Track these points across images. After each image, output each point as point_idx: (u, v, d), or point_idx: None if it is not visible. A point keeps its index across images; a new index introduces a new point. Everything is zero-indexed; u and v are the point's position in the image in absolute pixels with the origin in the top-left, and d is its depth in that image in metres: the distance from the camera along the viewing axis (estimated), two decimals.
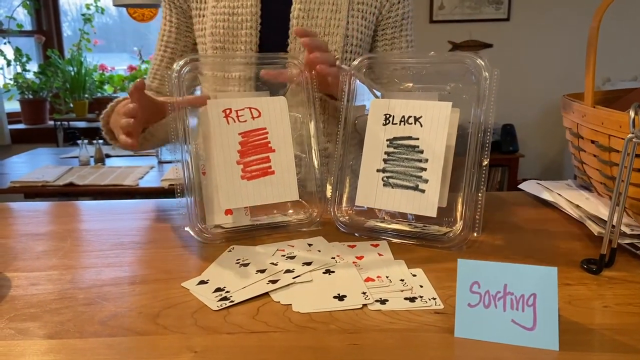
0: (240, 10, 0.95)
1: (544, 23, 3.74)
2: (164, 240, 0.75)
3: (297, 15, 0.95)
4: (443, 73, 0.74)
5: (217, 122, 0.74)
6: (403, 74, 0.77)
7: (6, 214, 0.87)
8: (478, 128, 0.69)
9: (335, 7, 0.96)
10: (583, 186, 0.89)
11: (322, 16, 0.95)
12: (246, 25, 0.95)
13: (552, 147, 3.91)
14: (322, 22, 0.95)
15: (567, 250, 0.69)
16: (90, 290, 0.59)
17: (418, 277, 0.61)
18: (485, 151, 0.69)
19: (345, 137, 0.79)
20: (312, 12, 0.95)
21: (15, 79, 3.73)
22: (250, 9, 0.95)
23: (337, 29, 0.96)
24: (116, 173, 2.30)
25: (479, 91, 0.69)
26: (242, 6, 0.95)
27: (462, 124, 0.72)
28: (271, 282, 0.59)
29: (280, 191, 0.76)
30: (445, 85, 0.74)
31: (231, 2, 0.96)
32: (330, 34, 0.96)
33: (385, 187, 0.73)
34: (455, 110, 0.72)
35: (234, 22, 0.96)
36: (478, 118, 0.69)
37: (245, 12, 0.95)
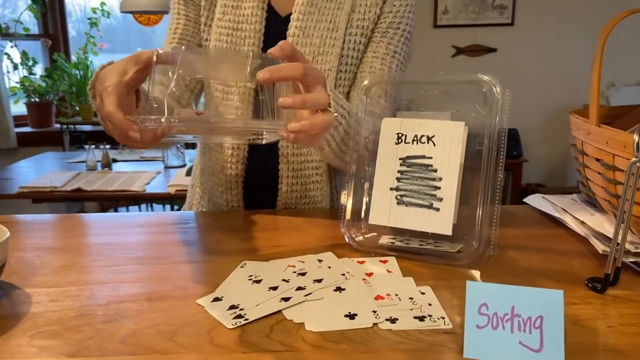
0: (245, 26, 0.97)
1: (548, 28, 3.75)
2: (178, 254, 0.77)
3: (293, 33, 0.95)
4: (453, 93, 0.76)
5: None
6: (414, 94, 0.78)
7: (21, 227, 0.89)
8: (491, 146, 0.70)
9: (332, 25, 0.96)
10: (588, 201, 0.90)
11: (317, 34, 0.96)
12: (249, 42, 0.96)
13: (556, 152, 3.92)
14: (317, 41, 0.96)
15: (573, 268, 0.71)
16: (109, 307, 0.60)
17: (427, 295, 0.62)
18: (499, 169, 0.70)
19: (357, 155, 0.80)
20: (308, 30, 0.95)
21: (22, 82, 3.77)
22: (254, 25, 0.96)
23: (332, 48, 0.96)
24: (123, 178, 2.32)
25: (491, 110, 0.70)
26: (247, 22, 0.96)
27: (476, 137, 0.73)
28: (284, 299, 0.61)
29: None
30: (455, 104, 0.75)
31: (236, 17, 0.97)
32: (324, 53, 0.96)
33: (399, 206, 0.74)
34: (465, 128, 0.73)
35: (237, 37, 0.97)
36: (491, 136, 0.70)
37: (249, 29, 0.96)
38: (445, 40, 3.82)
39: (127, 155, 2.80)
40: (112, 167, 2.56)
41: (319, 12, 0.96)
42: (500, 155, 0.71)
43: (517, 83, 3.80)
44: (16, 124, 3.81)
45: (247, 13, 0.97)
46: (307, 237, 0.84)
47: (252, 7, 0.96)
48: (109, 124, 0.66)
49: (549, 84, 3.81)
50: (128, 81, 0.66)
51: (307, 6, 0.95)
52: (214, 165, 1.05)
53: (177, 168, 2.51)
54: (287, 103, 0.63)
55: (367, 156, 0.80)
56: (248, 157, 1.02)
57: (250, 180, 1.03)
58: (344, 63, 0.98)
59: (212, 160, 1.05)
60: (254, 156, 1.02)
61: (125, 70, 0.66)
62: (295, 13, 0.96)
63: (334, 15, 0.96)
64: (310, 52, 0.95)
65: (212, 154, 1.05)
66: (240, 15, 0.97)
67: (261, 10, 0.96)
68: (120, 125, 0.63)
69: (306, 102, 0.64)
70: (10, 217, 0.94)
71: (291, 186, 1.02)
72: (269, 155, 1.01)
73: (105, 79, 0.66)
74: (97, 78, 0.70)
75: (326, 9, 0.96)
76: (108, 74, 0.66)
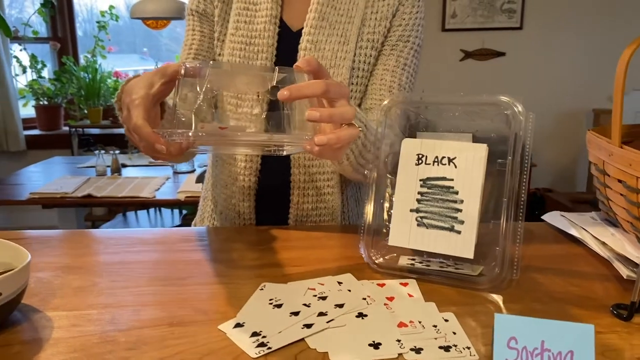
0: (257, 40, 0.97)
1: (557, 32, 3.73)
2: (196, 274, 0.76)
3: (305, 47, 0.96)
4: (474, 114, 0.75)
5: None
6: (434, 114, 0.78)
7: (38, 244, 0.89)
8: (514, 168, 0.69)
9: (343, 39, 0.97)
10: (607, 220, 0.89)
11: (329, 48, 0.97)
12: (261, 56, 0.97)
13: (565, 156, 3.90)
14: (329, 54, 0.97)
15: (596, 293, 0.70)
16: (131, 333, 0.60)
17: (450, 323, 0.62)
18: (522, 190, 0.69)
19: (377, 175, 0.80)
20: (319, 43, 0.96)
21: (31, 85, 3.79)
22: (266, 40, 0.97)
23: (343, 61, 0.97)
24: (133, 184, 2.33)
25: (513, 132, 0.70)
26: (260, 37, 0.97)
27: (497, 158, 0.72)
28: (306, 326, 0.61)
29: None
30: (476, 124, 0.75)
31: (249, 32, 0.98)
32: (336, 65, 0.97)
33: (419, 227, 0.74)
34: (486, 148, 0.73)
35: (250, 52, 0.98)
36: (514, 158, 0.70)
37: (262, 43, 0.97)
38: (453, 44, 3.81)
39: (137, 160, 2.80)
40: (122, 172, 2.57)
41: (330, 26, 0.97)
42: (524, 177, 0.70)
43: (525, 87, 3.80)
44: (25, 127, 3.83)
45: (259, 28, 0.98)
46: (324, 255, 0.83)
47: (264, 22, 0.97)
48: (136, 136, 0.66)
49: (558, 88, 3.80)
50: (154, 94, 0.67)
51: (319, 20, 0.96)
52: (226, 178, 1.05)
53: (186, 174, 2.52)
54: (313, 117, 0.62)
55: (387, 176, 0.80)
56: (260, 169, 1.02)
57: (263, 191, 1.04)
58: (355, 76, 0.99)
59: (225, 173, 1.05)
60: (267, 167, 1.02)
61: (151, 83, 0.67)
62: (307, 27, 0.97)
63: (344, 29, 0.97)
64: None
65: (225, 166, 1.05)
66: (253, 30, 0.98)
67: (273, 25, 0.97)
68: (148, 138, 0.64)
69: (333, 116, 0.64)
70: (26, 233, 0.94)
71: (303, 197, 1.02)
72: (282, 167, 1.01)
73: (132, 92, 0.66)
74: (124, 91, 0.71)
75: (337, 23, 0.97)
76: (135, 87, 0.67)
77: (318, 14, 0.97)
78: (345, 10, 0.98)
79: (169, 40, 4.72)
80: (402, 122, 0.79)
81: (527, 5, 3.71)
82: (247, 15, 0.99)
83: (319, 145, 0.63)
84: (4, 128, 3.71)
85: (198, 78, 0.66)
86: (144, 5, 2.64)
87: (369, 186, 0.79)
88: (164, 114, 0.75)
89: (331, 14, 0.97)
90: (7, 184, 2.47)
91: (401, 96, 0.81)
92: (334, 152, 0.69)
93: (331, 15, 0.97)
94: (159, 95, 0.68)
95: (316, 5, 0.97)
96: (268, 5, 0.97)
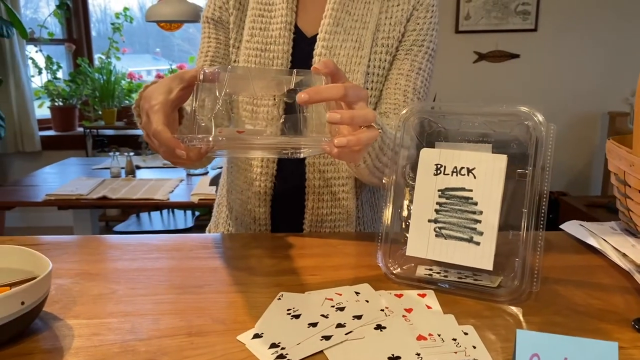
0: (272, 47, 0.98)
1: (572, 33, 3.70)
2: (213, 282, 0.77)
3: (320, 52, 0.97)
4: (494, 124, 0.74)
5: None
6: (453, 124, 0.78)
7: (57, 249, 0.90)
8: (534, 179, 0.69)
9: (358, 44, 0.97)
10: (628, 230, 0.88)
11: (344, 53, 0.97)
12: (277, 62, 0.98)
13: (579, 159, 3.86)
14: (344, 60, 0.97)
15: (617, 307, 0.69)
16: (150, 343, 0.60)
17: (470, 336, 0.61)
18: (543, 202, 0.69)
19: (395, 184, 0.79)
20: (334, 49, 0.97)
21: (46, 86, 3.83)
22: (282, 46, 0.97)
23: (358, 66, 0.97)
24: (147, 186, 2.34)
25: (536, 145, 0.69)
26: (275, 43, 0.98)
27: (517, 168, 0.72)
28: (324, 338, 0.61)
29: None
30: (495, 135, 0.74)
31: (264, 38, 0.99)
32: (351, 71, 0.97)
33: (437, 238, 0.74)
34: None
35: (265, 58, 0.98)
36: (535, 169, 0.69)
37: (277, 50, 0.98)
38: (467, 46, 3.79)
39: (151, 162, 2.82)
40: (136, 174, 2.59)
41: (345, 31, 0.97)
42: (545, 188, 0.70)
43: (539, 89, 3.77)
44: (40, 128, 3.87)
45: (274, 35, 0.98)
46: (341, 263, 0.83)
47: (279, 29, 0.98)
48: (156, 141, 0.67)
49: (572, 90, 3.76)
50: (173, 99, 0.68)
51: (333, 26, 0.97)
52: (242, 184, 1.05)
53: (199, 176, 2.53)
54: (334, 119, 0.63)
55: (405, 185, 0.79)
56: (276, 174, 1.02)
57: (278, 196, 1.04)
58: (370, 81, 1.00)
59: (240, 179, 1.06)
60: (282, 173, 1.02)
61: (170, 89, 0.68)
62: (322, 33, 0.97)
63: (359, 34, 0.98)
64: None
65: (241, 172, 1.06)
66: (268, 37, 0.99)
67: (288, 32, 0.98)
68: (168, 143, 0.64)
69: (354, 118, 0.64)
70: (44, 239, 0.95)
71: (318, 202, 1.02)
72: (297, 172, 1.01)
73: (150, 98, 0.67)
74: (142, 97, 0.71)
75: (352, 28, 0.98)
76: (153, 93, 0.68)
77: (333, 19, 0.97)
78: (360, 15, 0.98)
79: (181, 41, 4.75)
80: (418, 130, 0.79)
81: (542, 7, 3.68)
82: (262, 22, 0.99)
83: (339, 147, 0.63)
84: (20, 129, 3.75)
85: (216, 83, 0.66)
86: (158, 9, 2.66)
87: (386, 193, 0.79)
88: (182, 120, 0.75)
89: (346, 20, 0.98)
90: (23, 185, 2.50)
91: (419, 105, 0.81)
92: (352, 154, 0.69)
93: (346, 20, 0.98)
94: (178, 100, 0.69)
95: (331, 11, 0.97)
96: (283, 12, 0.98)
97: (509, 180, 0.72)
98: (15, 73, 3.68)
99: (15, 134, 3.74)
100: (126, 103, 3.93)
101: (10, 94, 3.68)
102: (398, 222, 0.80)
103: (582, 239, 0.90)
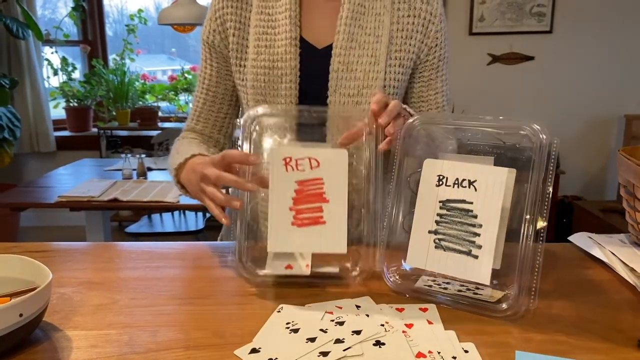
0: (280, 64, 0.96)
1: (587, 36, 3.65)
2: (215, 294, 0.77)
3: (337, 68, 0.95)
4: (501, 135, 0.73)
5: (277, 169, 0.77)
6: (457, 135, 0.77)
7: (62, 257, 0.90)
8: (535, 197, 0.68)
9: (373, 59, 0.96)
10: (637, 243, 0.86)
11: (360, 69, 0.96)
12: (286, 79, 0.96)
13: (594, 163, 3.81)
14: (361, 75, 0.96)
15: (623, 324, 0.68)
16: (147, 356, 0.60)
17: (470, 354, 0.60)
18: (543, 218, 0.68)
19: (397, 193, 0.79)
20: (351, 65, 0.95)
21: (61, 87, 3.87)
22: (289, 62, 0.96)
23: (375, 81, 0.96)
24: (158, 188, 2.36)
25: (540, 161, 0.68)
26: (282, 60, 0.96)
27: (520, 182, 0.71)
28: (322, 354, 0.60)
29: (329, 242, 0.77)
30: (500, 148, 0.73)
31: (271, 55, 0.97)
32: (368, 86, 0.96)
33: (436, 250, 0.73)
34: (512, 171, 0.71)
35: (274, 75, 0.97)
36: (535, 185, 0.68)
37: (285, 66, 0.96)
38: (481, 48, 3.75)
39: (162, 164, 2.83)
40: (147, 176, 2.60)
41: (360, 46, 0.96)
42: (545, 203, 0.68)
43: (554, 92, 3.72)
44: (55, 128, 3.92)
45: (280, 51, 0.96)
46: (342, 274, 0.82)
47: (284, 45, 0.96)
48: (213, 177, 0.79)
49: (588, 94, 3.71)
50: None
51: (348, 41, 0.95)
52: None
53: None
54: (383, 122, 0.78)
55: (407, 195, 0.79)
56: None
57: None
58: (386, 93, 0.98)
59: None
60: None
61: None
62: (337, 49, 0.95)
63: (374, 48, 0.96)
64: (354, 86, 0.95)
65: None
66: (274, 54, 0.97)
67: (294, 47, 0.96)
68: (240, 157, 0.77)
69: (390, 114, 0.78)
70: (51, 245, 0.96)
71: None
72: None
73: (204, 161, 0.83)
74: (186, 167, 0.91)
75: (365, 42, 0.96)
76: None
77: (347, 35, 0.95)
78: (372, 29, 0.97)
79: (196, 42, 4.78)
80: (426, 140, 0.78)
81: (557, 9, 3.63)
82: (267, 40, 0.97)
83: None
84: (35, 129, 3.79)
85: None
86: (171, 12, 2.67)
87: (390, 202, 0.79)
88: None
89: (359, 34, 0.96)
90: (37, 186, 2.53)
91: (426, 116, 0.80)
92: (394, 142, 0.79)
93: (359, 35, 0.96)
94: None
95: (344, 27, 0.95)
96: (287, 27, 0.96)
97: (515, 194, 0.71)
98: (31, 74, 3.72)
99: (30, 134, 3.79)
100: (140, 104, 3.96)
101: (26, 95, 3.72)
102: (402, 231, 0.79)
103: (589, 252, 0.88)
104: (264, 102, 0.98)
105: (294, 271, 0.77)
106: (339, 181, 0.78)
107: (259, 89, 0.98)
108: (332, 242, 0.77)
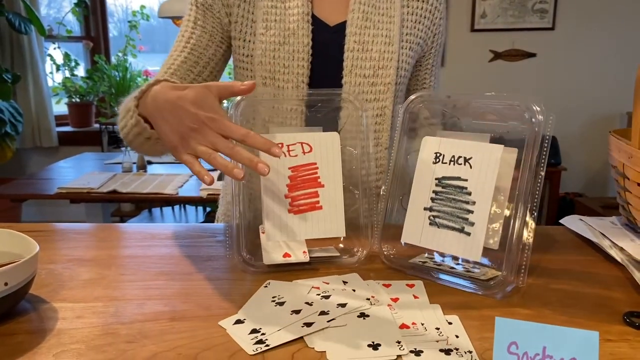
0: (292, 40, 0.92)
1: (590, 32, 3.63)
2: (204, 270, 0.77)
3: (352, 47, 0.94)
4: (498, 113, 0.73)
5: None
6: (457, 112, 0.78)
7: (56, 236, 0.91)
8: (529, 174, 0.67)
9: (388, 40, 0.95)
10: (628, 225, 0.86)
11: (376, 49, 0.94)
12: (297, 56, 0.92)
13: (596, 160, 3.79)
14: (377, 55, 0.94)
15: (610, 300, 0.67)
16: (132, 326, 0.61)
17: (454, 326, 0.60)
18: (535, 199, 0.67)
19: (395, 171, 0.79)
20: (366, 44, 0.94)
21: (64, 83, 3.88)
22: (301, 39, 0.92)
23: (390, 62, 0.95)
24: (157, 181, 2.36)
25: (535, 137, 0.68)
26: (294, 36, 0.92)
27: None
28: (306, 324, 0.60)
29: (327, 227, 0.77)
30: (497, 124, 0.73)
31: (281, 31, 0.93)
32: (383, 67, 0.95)
33: (431, 226, 0.73)
34: (513, 151, 0.71)
35: (285, 52, 0.92)
36: (529, 162, 0.68)
37: (297, 43, 0.92)
38: (483, 44, 3.75)
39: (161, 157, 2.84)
40: (147, 169, 2.61)
41: (374, 26, 0.95)
42: (538, 181, 0.68)
43: (556, 89, 3.71)
44: (57, 124, 3.93)
45: (292, 27, 0.92)
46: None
47: (297, 21, 0.92)
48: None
49: (590, 89, 3.70)
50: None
51: (363, 20, 0.94)
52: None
53: (210, 171, 2.53)
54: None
55: (406, 173, 0.79)
56: None
57: None
58: (399, 75, 0.98)
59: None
60: None
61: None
62: (352, 27, 0.94)
63: (388, 29, 0.96)
64: (370, 67, 0.94)
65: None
66: (285, 29, 0.93)
67: (307, 23, 0.93)
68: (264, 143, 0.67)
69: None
70: (47, 225, 0.96)
71: None
72: None
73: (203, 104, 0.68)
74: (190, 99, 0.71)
75: (379, 22, 0.96)
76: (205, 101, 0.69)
77: (361, 13, 0.94)
78: (385, 9, 0.96)
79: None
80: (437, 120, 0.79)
81: (559, 5, 3.62)
82: (277, 14, 0.93)
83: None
84: (38, 124, 3.81)
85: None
86: (171, 5, 2.68)
87: (389, 179, 0.79)
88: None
89: (372, 14, 0.95)
90: (38, 178, 2.54)
91: (426, 93, 0.81)
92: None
93: (373, 15, 0.95)
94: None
95: (358, 5, 0.94)
96: (298, 2, 0.93)
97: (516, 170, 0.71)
98: (33, 70, 3.73)
99: (33, 130, 3.80)
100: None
101: (28, 90, 3.74)
102: (400, 208, 0.79)
103: (580, 234, 0.88)
104: (272, 80, 0.94)
105: (292, 259, 0.77)
106: (333, 164, 0.77)
107: (267, 65, 0.93)
108: (331, 226, 0.77)
